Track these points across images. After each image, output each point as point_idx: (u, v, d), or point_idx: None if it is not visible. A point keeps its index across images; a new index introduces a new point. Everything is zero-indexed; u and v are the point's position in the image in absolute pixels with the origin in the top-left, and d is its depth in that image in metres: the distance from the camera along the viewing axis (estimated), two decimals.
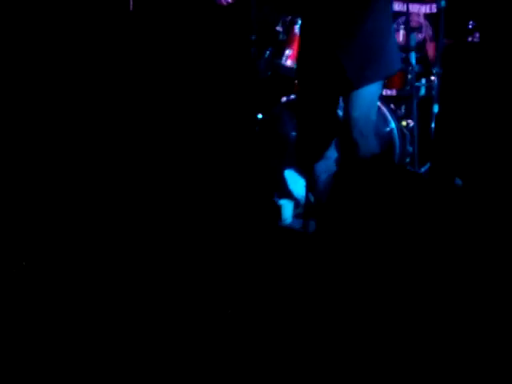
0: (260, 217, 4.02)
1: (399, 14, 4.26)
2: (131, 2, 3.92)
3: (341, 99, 3.50)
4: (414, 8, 4.29)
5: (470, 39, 4.25)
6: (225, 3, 3.50)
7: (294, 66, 3.89)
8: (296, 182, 4.29)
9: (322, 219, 3.55)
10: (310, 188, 3.74)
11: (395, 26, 4.22)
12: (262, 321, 2.82)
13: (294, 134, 4.18)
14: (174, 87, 4.30)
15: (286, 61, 4.31)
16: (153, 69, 4.26)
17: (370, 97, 3.39)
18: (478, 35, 4.22)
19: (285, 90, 4.31)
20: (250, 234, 3.74)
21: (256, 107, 4.40)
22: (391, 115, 4.19)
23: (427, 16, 4.40)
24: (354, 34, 3.31)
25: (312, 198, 3.76)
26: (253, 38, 4.42)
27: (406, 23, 4.19)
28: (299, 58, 3.59)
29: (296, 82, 3.97)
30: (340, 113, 3.63)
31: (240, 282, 3.14)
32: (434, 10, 4.32)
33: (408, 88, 4.24)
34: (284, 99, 4.30)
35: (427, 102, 4.29)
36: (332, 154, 3.59)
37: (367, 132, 3.36)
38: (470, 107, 4.18)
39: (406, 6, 4.16)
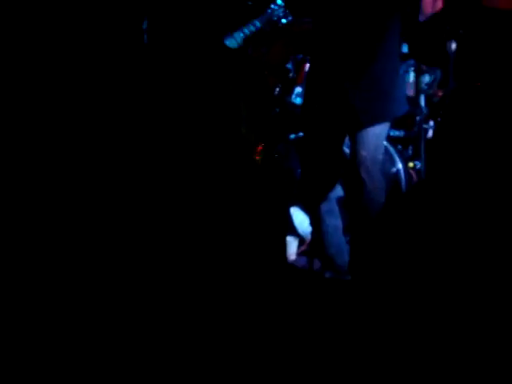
0: (266, 252, 4.00)
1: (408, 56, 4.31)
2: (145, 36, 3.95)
3: (347, 138, 3.53)
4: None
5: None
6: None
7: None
8: (301, 219, 4.28)
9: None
10: (314, 227, 3.74)
11: (405, 67, 4.27)
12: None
13: (299, 171, 4.21)
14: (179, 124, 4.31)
15: (295, 98, 4.34)
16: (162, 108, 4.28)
17: (377, 136, 3.41)
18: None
19: (293, 127, 4.33)
20: (255, 270, 3.72)
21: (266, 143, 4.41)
22: (398, 156, 4.20)
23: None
24: (364, 74, 3.35)
25: (316, 237, 3.76)
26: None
27: (417, 66, 4.24)
28: (306, 95, 3.63)
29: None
30: (346, 151, 3.66)
31: (240, 316, 3.14)
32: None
33: (416, 129, 4.27)
34: (292, 136, 4.32)
35: (434, 144, 4.30)
36: (334, 194, 3.61)
37: (374, 171, 3.38)
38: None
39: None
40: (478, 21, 4.43)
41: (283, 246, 4.08)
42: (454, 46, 4.18)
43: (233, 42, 4.16)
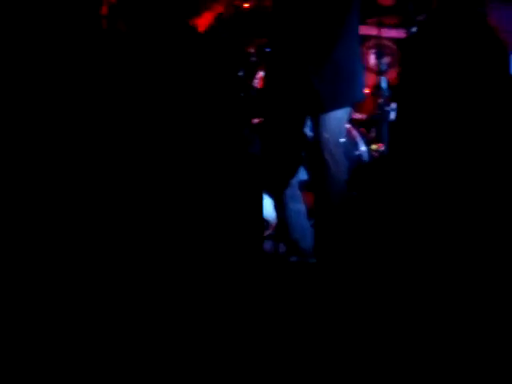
0: (232, 236, 4.01)
1: (370, 37, 4.36)
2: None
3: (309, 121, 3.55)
4: (384, 33, 4.37)
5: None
6: None
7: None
8: (266, 204, 4.18)
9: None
10: (278, 212, 3.76)
11: (366, 49, 4.30)
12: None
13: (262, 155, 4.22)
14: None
15: (257, 83, 4.37)
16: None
17: (340, 119, 3.44)
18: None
19: (256, 111, 4.35)
20: (221, 255, 3.73)
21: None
22: (361, 138, 4.24)
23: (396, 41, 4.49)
24: (325, 58, 3.36)
25: (278, 222, 3.79)
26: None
27: (377, 47, 4.27)
28: (267, 79, 3.65)
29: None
30: (309, 134, 3.66)
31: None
32: (403, 35, 4.40)
33: (379, 112, 4.31)
34: (256, 121, 4.30)
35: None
36: (296, 179, 3.63)
37: (337, 154, 3.40)
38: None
39: (377, 30, 4.25)
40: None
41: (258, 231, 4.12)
42: (414, 29, 4.23)
43: None
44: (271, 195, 3.92)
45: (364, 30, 4.27)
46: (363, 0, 3.61)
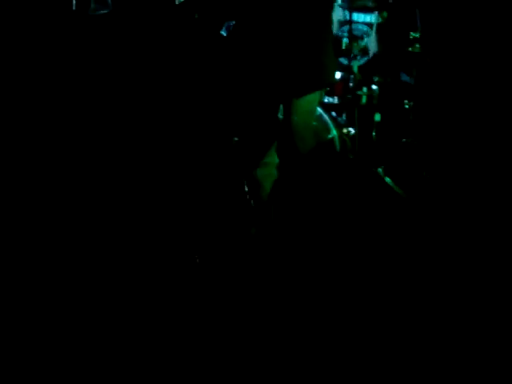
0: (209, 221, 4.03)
1: (343, 22, 4.35)
2: None
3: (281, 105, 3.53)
4: (357, 17, 4.37)
5: (410, 49, 4.32)
6: None
7: None
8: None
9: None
10: (250, 193, 3.74)
11: (339, 33, 4.30)
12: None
13: (235, 139, 4.22)
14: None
15: None
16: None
17: (310, 102, 3.45)
18: (418, 46, 4.30)
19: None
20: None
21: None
22: (333, 123, 4.25)
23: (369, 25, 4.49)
24: (295, 44, 3.34)
25: (253, 204, 3.75)
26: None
27: (350, 32, 4.26)
28: (235, 62, 3.57)
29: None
30: (280, 117, 3.66)
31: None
32: (375, 19, 4.42)
33: (349, 96, 4.31)
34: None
35: (368, 110, 4.37)
36: (273, 159, 3.61)
37: (307, 137, 3.43)
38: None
39: (349, 14, 4.24)
40: None
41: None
42: (385, 12, 4.24)
43: None
44: (245, 176, 3.96)
45: (338, 14, 4.31)
46: None
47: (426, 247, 3.28)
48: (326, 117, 4.21)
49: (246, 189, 4.06)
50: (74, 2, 3.84)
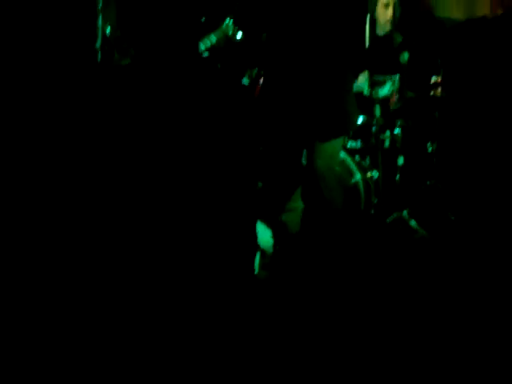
0: (229, 266, 4.03)
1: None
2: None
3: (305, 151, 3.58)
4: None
5: (432, 93, 4.40)
6: None
7: None
8: (263, 233, 4.19)
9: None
10: (276, 239, 3.77)
11: (359, 80, 4.33)
12: None
13: (260, 184, 4.25)
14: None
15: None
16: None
17: (333, 146, 3.49)
18: (440, 89, 4.34)
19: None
20: (219, 283, 3.76)
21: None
22: (356, 167, 4.26)
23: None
24: (320, 92, 3.41)
25: (279, 249, 3.79)
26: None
27: (371, 77, 4.31)
28: (263, 109, 3.65)
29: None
30: (304, 162, 3.69)
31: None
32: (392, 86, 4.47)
33: (373, 140, 4.33)
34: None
35: (392, 154, 4.40)
36: (297, 204, 3.64)
37: (330, 180, 3.45)
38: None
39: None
40: (429, 30, 4.58)
41: (252, 260, 4.14)
42: (406, 56, 4.28)
43: None
44: (270, 222, 3.94)
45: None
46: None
47: (451, 290, 3.27)
48: (349, 161, 4.23)
49: (272, 233, 4.12)
50: (100, 53, 3.90)
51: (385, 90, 4.46)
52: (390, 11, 4.34)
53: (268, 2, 3.45)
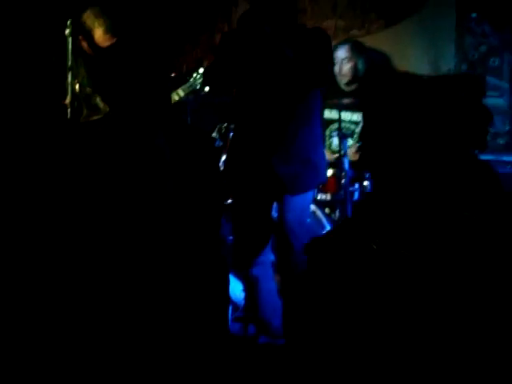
0: (200, 317, 4.03)
1: (332, 121, 4.51)
2: None
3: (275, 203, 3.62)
4: (345, 115, 4.53)
5: None
6: None
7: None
8: (234, 286, 4.27)
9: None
10: (249, 291, 3.78)
11: (328, 132, 4.43)
12: None
13: (231, 237, 4.25)
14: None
15: (222, 166, 4.38)
16: None
17: (303, 200, 3.53)
18: None
19: (222, 194, 4.39)
20: (190, 334, 3.75)
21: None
22: (326, 219, 4.30)
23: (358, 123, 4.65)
24: (288, 144, 3.46)
25: (249, 302, 3.80)
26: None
27: (339, 129, 4.38)
28: (231, 164, 3.72)
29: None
30: (275, 215, 3.73)
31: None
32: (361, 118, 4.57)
33: (342, 192, 4.36)
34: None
35: None
36: (267, 258, 3.67)
37: (301, 234, 3.47)
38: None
39: (338, 113, 4.38)
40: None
41: (224, 313, 4.14)
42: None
43: None
44: (241, 275, 3.97)
45: (326, 113, 4.47)
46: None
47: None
48: (319, 213, 4.27)
49: (241, 287, 4.12)
50: (69, 110, 3.96)
51: (351, 143, 4.56)
52: (349, 65, 4.59)
53: (235, 61, 3.50)
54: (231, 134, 4.31)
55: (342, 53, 4.62)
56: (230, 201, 4.28)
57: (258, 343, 3.69)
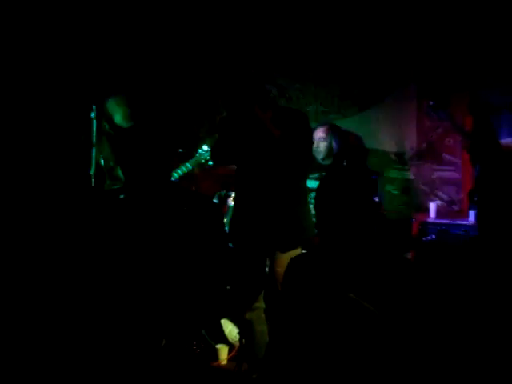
0: (199, 358, 4.31)
1: (312, 189, 4.74)
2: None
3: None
4: None
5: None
6: None
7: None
8: (230, 329, 4.63)
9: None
10: (244, 334, 4.03)
11: (309, 199, 4.56)
12: None
13: (228, 287, 4.62)
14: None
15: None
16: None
17: (291, 255, 3.52)
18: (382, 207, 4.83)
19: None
20: (190, 374, 4.01)
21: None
22: None
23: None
24: (280, 208, 3.77)
25: (245, 343, 4.05)
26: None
27: None
28: (232, 226, 4.00)
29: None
30: (266, 269, 4.06)
31: None
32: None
33: None
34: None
35: None
36: (260, 305, 3.95)
37: None
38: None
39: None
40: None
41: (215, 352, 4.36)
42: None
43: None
44: (237, 320, 4.31)
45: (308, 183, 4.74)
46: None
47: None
48: None
49: (236, 329, 4.43)
50: (93, 179, 4.38)
51: None
52: (324, 144, 4.96)
53: (233, 141, 3.78)
54: (229, 199, 4.75)
55: (319, 133, 4.96)
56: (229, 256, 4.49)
57: (252, 378, 3.93)
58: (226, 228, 4.83)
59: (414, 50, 5.27)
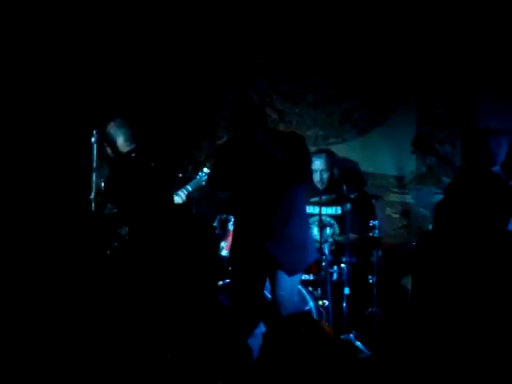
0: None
1: (312, 215, 5.03)
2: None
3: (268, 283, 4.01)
4: (324, 210, 5.02)
5: (371, 234, 4.97)
6: None
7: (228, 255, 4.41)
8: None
9: None
10: (243, 359, 3.98)
11: (311, 223, 4.90)
12: None
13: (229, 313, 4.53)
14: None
15: (221, 251, 4.91)
16: None
17: (293, 280, 3.91)
18: (377, 231, 4.94)
19: (221, 275, 4.84)
20: None
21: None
22: (309, 296, 4.73)
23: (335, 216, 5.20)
24: (282, 232, 3.84)
25: (245, 368, 3.93)
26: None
27: (320, 221, 4.92)
28: (232, 250, 4.09)
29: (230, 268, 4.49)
30: (267, 295, 4.16)
31: None
32: (340, 212, 5.16)
33: (323, 273, 4.83)
34: (220, 283, 4.80)
35: (339, 285, 4.89)
36: (259, 330, 4.00)
37: (291, 309, 3.83)
38: None
39: (318, 208, 4.93)
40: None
41: None
42: (348, 206, 4.97)
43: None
44: (236, 345, 4.18)
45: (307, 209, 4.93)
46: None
47: None
48: (303, 291, 4.68)
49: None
50: (93, 204, 4.40)
51: (329, 232, 5.07)
52: (327, 174, 5.17)
53: (231, 165, 3.88)
54: (229, 223, 4.84)
55: (319, 164, 5.15)
56: (228, 280, 4.71)
57: None
58: (222, 252, 4.91)
59: (413, 68, 5.39)
